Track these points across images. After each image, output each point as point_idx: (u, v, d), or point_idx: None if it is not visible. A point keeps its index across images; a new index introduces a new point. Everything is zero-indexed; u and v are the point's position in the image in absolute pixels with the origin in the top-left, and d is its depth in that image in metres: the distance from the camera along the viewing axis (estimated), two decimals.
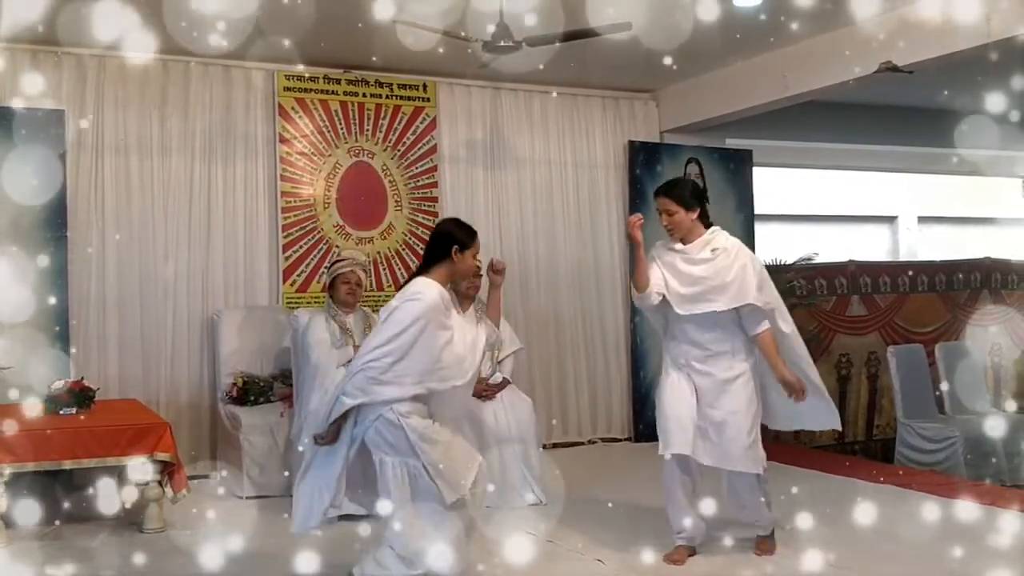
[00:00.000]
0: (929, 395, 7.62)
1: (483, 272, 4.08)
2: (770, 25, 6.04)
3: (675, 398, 4.12)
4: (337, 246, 6.70)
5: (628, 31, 5.07)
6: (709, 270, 4.06)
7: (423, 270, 3.71)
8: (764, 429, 4.26)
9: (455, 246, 3.68)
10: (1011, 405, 8.82)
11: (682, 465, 4.14)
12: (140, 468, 4.76)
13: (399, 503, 3.52)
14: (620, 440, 7.58)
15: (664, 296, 4.12)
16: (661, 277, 4.13)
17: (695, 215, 4.14)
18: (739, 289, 4.01)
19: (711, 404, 4.09)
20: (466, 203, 7.24)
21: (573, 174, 7.68)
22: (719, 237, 4.16)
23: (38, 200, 5.75)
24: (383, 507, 3.54)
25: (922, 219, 12.05)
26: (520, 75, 6.94)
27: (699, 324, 4.12)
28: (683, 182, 4.32)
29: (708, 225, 4.20)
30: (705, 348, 4.13)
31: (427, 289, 3.59)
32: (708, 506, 4.19)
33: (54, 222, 5.83)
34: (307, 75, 6.74)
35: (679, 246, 4.17)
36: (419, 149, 7.07)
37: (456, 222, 3.92)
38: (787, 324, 4.18)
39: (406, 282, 3.76)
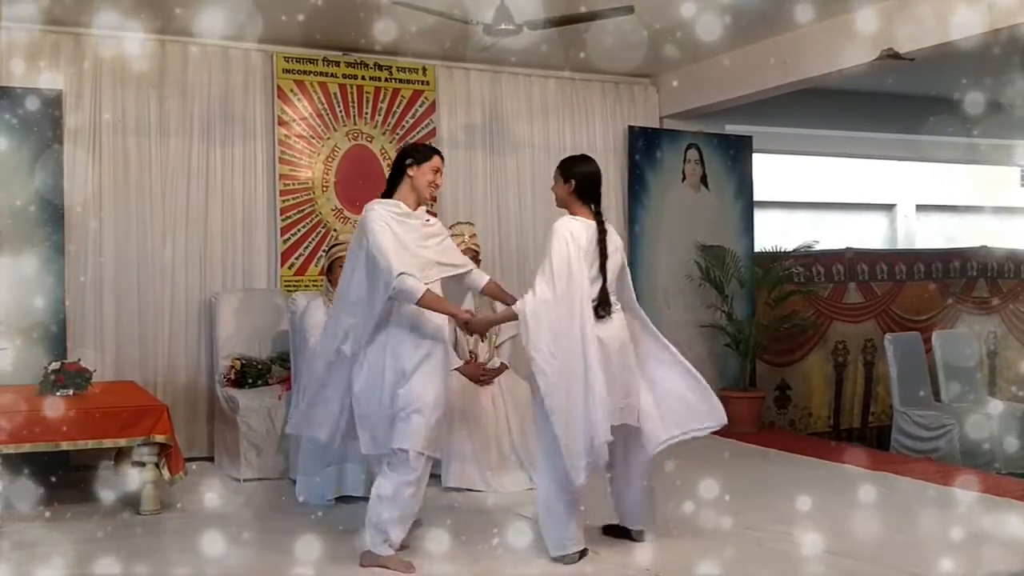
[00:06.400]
0: (925, 383, 7.65)
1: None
2: (771, 11, 6.02)
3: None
4: (335, 230, 6.68)
5: (630, 15, 5.05)
6: None
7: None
8: None
9: (409, 160, 3.92)
10: (1006, 393, 8.87)
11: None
12: (137, 450, 4.76)
13: None
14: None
15: None
16: None
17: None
18: None
19: None
20: (464, 187, 7.22)
21: None
22: None
23: (35, 181, 5.72)
24: None
25: (920, 207, 12.05)
26: (520, 59, 6.93)
27: None
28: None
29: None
30: None
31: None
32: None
33: (51, 203, 5.79)
34: (306, 57, 6.71)
35: None
36: (418, 133, 7.04)
37: (414, 145, 4.18)
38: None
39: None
